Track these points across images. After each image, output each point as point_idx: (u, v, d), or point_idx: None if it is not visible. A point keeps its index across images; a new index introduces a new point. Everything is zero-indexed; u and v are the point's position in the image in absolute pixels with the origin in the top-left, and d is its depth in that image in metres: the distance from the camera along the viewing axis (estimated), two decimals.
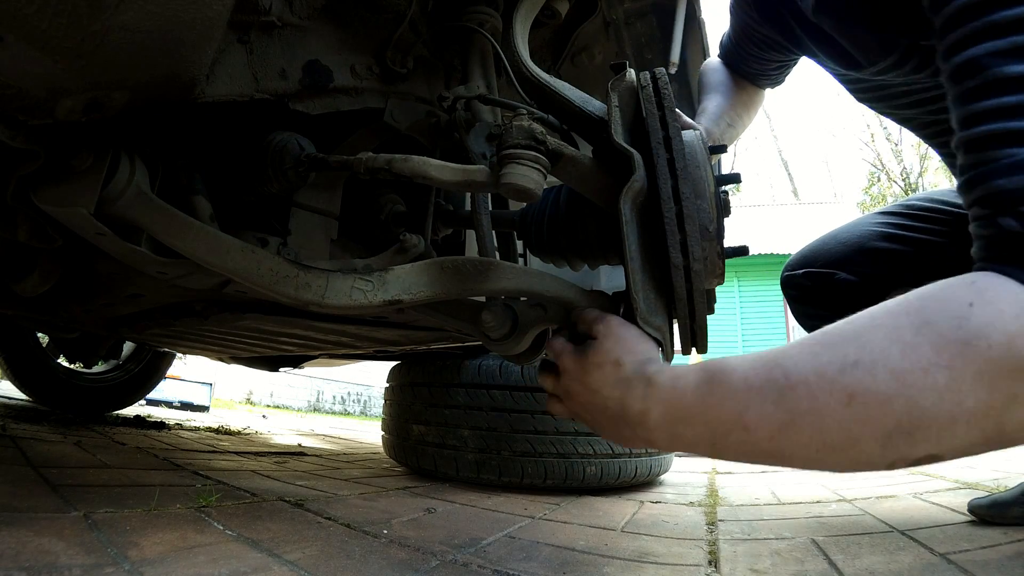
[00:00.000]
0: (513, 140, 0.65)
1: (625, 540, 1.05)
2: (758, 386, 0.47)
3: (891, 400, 0.42)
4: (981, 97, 0.48)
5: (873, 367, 0.43)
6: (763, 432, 0.47)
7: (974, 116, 0.49)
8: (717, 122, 1.16)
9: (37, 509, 0.82)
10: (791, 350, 0.48)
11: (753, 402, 0.47)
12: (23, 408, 2.47)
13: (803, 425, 0.45)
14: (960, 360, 0.41)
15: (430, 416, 1.69)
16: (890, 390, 0.42)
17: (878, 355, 0.43)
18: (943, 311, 0.43)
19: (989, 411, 0.41)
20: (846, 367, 0.44)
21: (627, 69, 0.68)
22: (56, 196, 0.69)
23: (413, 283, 0.76)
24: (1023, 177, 0.45)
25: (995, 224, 0.46)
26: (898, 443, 0.43)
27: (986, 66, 0.48)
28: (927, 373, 0.42)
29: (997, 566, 0.81)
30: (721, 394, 0.49)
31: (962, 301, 0.43)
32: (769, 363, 0.48)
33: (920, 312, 0.44)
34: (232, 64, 0.73)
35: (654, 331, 0.63)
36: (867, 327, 0.45)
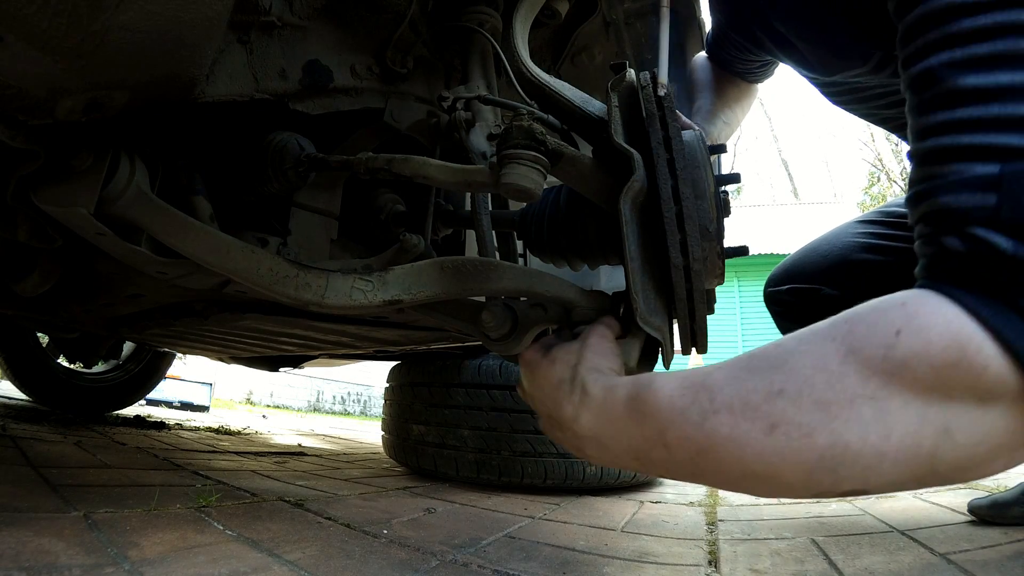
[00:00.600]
0: (513, 140, 0.65)
1: (625, 540, 1.05)
2: (681, 407, 0.46)
3: (814, 432, 0.40)
4: (934, 109, 0.46)
5: (798, 396, 0.41)
6: (683, 454, 0.46)
7: (926, 129, 0.47)
8: (713, 121, 1.16)
9: (37, 509, 0.82)
10: (719, 373, 0.46)
11: (675, 423, 0.46)
12: (23, 408, 2.47)
13: (723, 451, 0.43)
14: (886, 392, 0.39)
15: (430, 416, 1.69)
16: (813, 422, 0.40)
17: (803, 384, 0.41)
18: (870, 339, 0.41)
19: (918, 447, 0.39)
20: (771, 395, 0.42)
21: (627, 69, 0.68)
22: (56, 196, 0.69)
23: (413, 283, 0.76)
24: (969, 195, 0.42)
25: (937, 243, 0.43)
26: (821, 477, 0.41)
27: (941, 77, 0.46)
28: (852, 405, 0.40)
29: (997, 566, 0.81)
30: (647, 411, 0.48)
31: (891, 327, 0.40)
32: (696, 385, 0.46)
33: (848, 338, 0.42)
34: (232, 64, 0.73)
35: (654, 331, 0.63)
36: (795, 352, 0.43)
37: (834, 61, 0.87)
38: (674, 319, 0.67)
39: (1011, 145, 0.41)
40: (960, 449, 0.39)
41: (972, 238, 0.41)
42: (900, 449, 0.39)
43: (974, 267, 0.41)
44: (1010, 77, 0.42)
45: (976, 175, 0.42)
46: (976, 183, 0.41)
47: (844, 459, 0.40)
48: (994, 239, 0.39)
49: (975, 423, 0.39)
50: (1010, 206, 0.40)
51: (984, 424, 0.39)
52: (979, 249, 0.40)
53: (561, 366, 0.58)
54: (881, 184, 17.96)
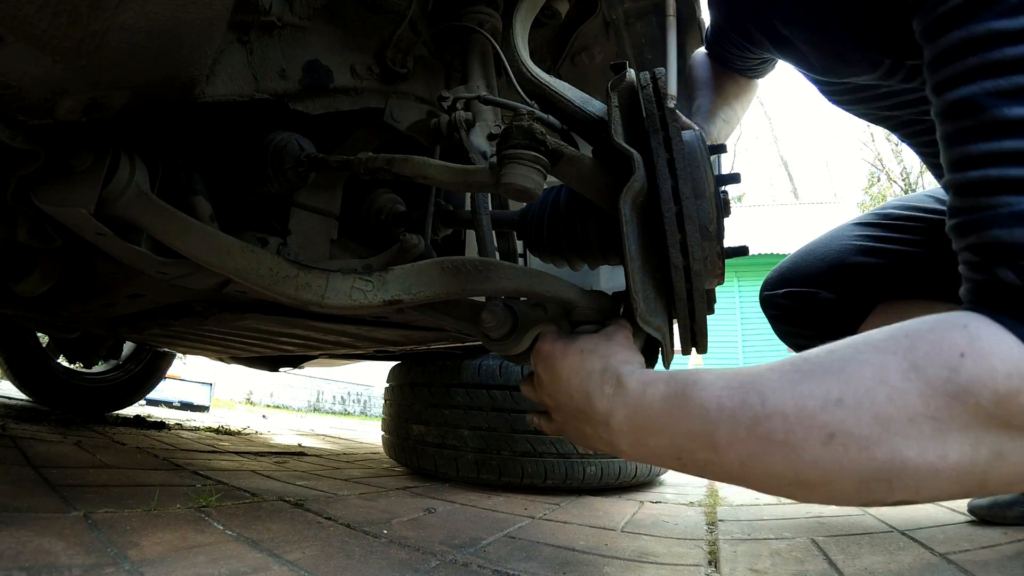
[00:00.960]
0: (513, 140, 0.65)
1: (625, 540, 1.05)
2: (731, 409, 0.45)
3: (873, 446, 0.40)
4: (978, 139, 0.45)
5: (858, 408, 0.41)
6: (733, 456, 0.45)
7: (970, 159, 0.46)
8: (713, 120, 1.16)
9: (37, 509, 0.82)
10: (770, 375, 0.45)
11: (725, 424, 0.45)
12: (23, 408, 2.47)
13: (776, 456, 0.43)
14: (948, 413, 0.40)
15: (430, 416, 1.69)
16: (873, 435, 0.40)
17: (863, 396, 0.41)
18: (934, 358, 0.41)
19: (973, 467, 0.40)
20: (828, 404, 0.42)
21: (627, 69, 0.68)
22: (56, 196, 0.69)
23: (413, 283, 0.76)
24: (1022, 231, 0.42)
25: (991, 273, 0.43)
26: (875, 488, 0.41)
27: (986, 106, 0.45)
28: (913, 423, 0.40)
29: (997, 566, 0.81)
30: (692, 410, 0.47)
31: (954, 349, 0.40)
32: (745, 385, 0.45)
33: (909, 354, 0.42)
34: (232, 64, 0.73)
35: (654, 331, 0.63)
36: (852, 361, 0.43)
37: (839, 66, 0.86)
38: (674, 319, 0.67)
39: None
40: (1011, 468, 0.40)
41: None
42: (955, 469, 0.40)
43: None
44: None
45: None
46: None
47: (901, 475, 0.40)
48: None
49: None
50: None
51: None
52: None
53: (592, 358, 0.57)
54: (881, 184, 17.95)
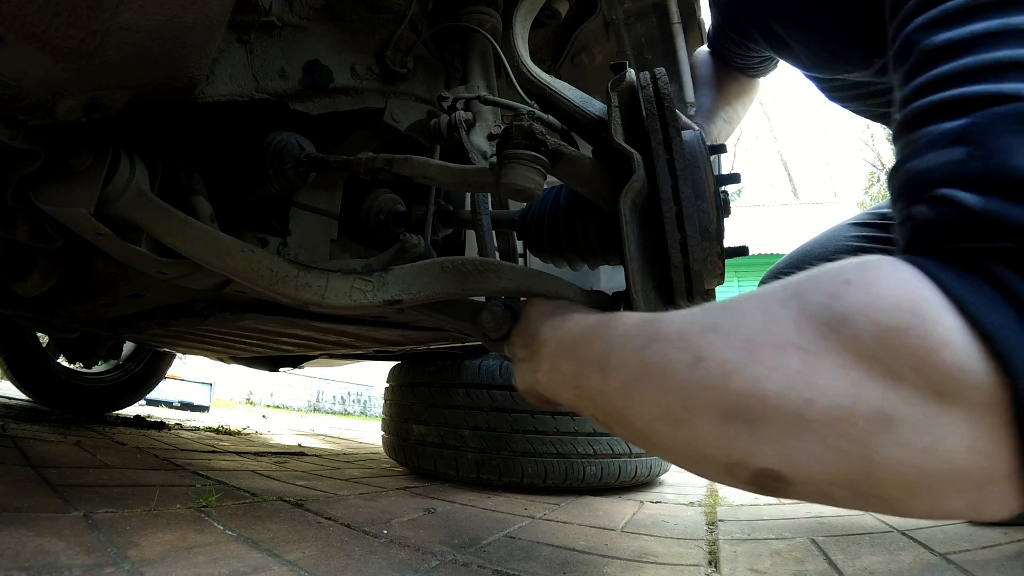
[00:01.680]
0: (513, 140, 0.65)
1: (625, 540, 1.05)
2: (631, 334, 0.44)
3: (734, 372, 0.35)
4: (911, 76, 0.41)
5: (730, 332, 0.37)
6: (616, 380, 0.43)
7: (903, 99, 0.42)
8: (713, 119, 1.16)
9: (37, 509, 0.82)
10: (678, 312, 0.44)
11: (618, 345, 0.44)
12: (23, 408, 2.47)
13: (651, 381, 0.40)
14: (820, 345, 0.33)
15: (430, 416, 1.69)
16: (736, 360, 0.36)
17: (738, 320, 0.38)
18: (817, 285, 0.36)
19: (848, 426, 0.32)
20: (705, 329, 0.39)
21: (627, 69, 0.68)
22: (56, 196, 0.69)
23: (413, 283, 0.76)
24: (936, 155, 0.36)
25: (908, 215, 0.38)
26: (737, 432, 0.35)
27: (915, 41, 0.41)
28: (780, 351, 0.34)
29: (997, 566, 0.81)
30: (601, 333, 0.46)
31: (840, 277, 0.35)
32: (651, 317, 0.44)
33: (797, 284, 0.37)
34: (232, 64, 0.73)
35: None
36: (748, 295, 0.40)
37: (832, 64, 0.86)
38: None
39: (984, 92, 0.36)
40: (903, 451, 0.30)
41: (939, 200, 0.35)
42: (826, 421, 0.32)
43: (940, 234, 0.35)
44: (984, 24, 0.38)
45: (943, 131, 0.36)
46: (943, 140, 0.36)
47: (761, 413, 0.34)
48: (960, 196, 0.33)
49: (925, 422, 0.30)
50: (978, 157, 0.34)
51: (938, 428, 0.30)
52: (945, 211, 0.34)
53: (552, 305, 0.61)
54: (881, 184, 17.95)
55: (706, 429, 0.37)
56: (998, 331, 0.29)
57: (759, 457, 0.35)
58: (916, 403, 0.30)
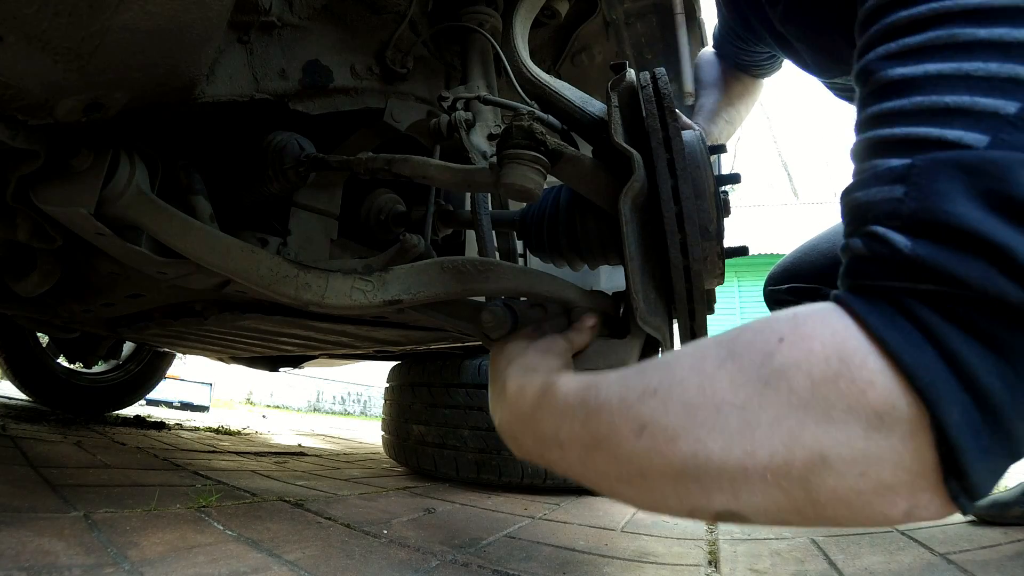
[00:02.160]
0: (513, 140, 0.65)
1: (625, 540, 1.05)
2: (572, 405, 0.45)
3: (678, 437, 0.38)
4: (867, 104, 0.43)
5: (668, 398, 0.39)
6: (574, 453, 0.45)
7: (858, 125, 0.44)
8: (715, 120, 1.15)
9: (37, 509, 0.82)
10: (612, 374, 0.45)
11: (566, 421, 0.45)
12: (23, 408, 2.47)
13: (603, 451, 0.42)
14: (756, 403, 0.35)
15: (430, 416, 1.69)
16: (678, 425, 0.38)
17: (675, 385, 0.39)
18: (752, 345, 0.38)
19: (788, 469, 0.34)
20: (645, 394, 0.40)
21: (627, 69, 0.68)
22: (56, 196, 0.69)
23: (413, 283, 0.76)
24: (878, 190, 0.37)
25: (847, 245, 0.39)
26: (690, 489, 0.38)
27: (874, 70, 0.43)
28: (719, 412, 0.37)
29: (997, 566, 0.81)
30: (546, 408, 0.48)
31: (774, 335, 0.37)
32: (588, 384, 0.45)
33: (731, 343, 0.39)
34: (232, 64, 0.73)
35: (654, 331, 0.63)
36: (680, 355, 0.42)
37: (833, 65, 0.86)
38: (674, 319, 0.67)
39: (928, 136, 0.37)
40: (840, 480, 0.34)
41: (872, 236, 0.36)
42: (768, 468, 0.35)
43: (870, 269, 0.36)
44: (939, 66, 0.38)
45: (888, 167, 0.38)
46: (886, 176, 0.37)
47: (708, 470, 0.37)
48: (892, 236, 0.35)
49: (857, 453, 0.33)
50: (914, 198, 0.35)
51: (869, 452, 0.33)
52: (876, 248, 0.36)
53: (500, 361, 0.60)
54: None
55: (662, 487, 0.40)
56: (918, 369, 0.32)
57: (715, 503, 0.38)
58: (848, 439, 0.33)
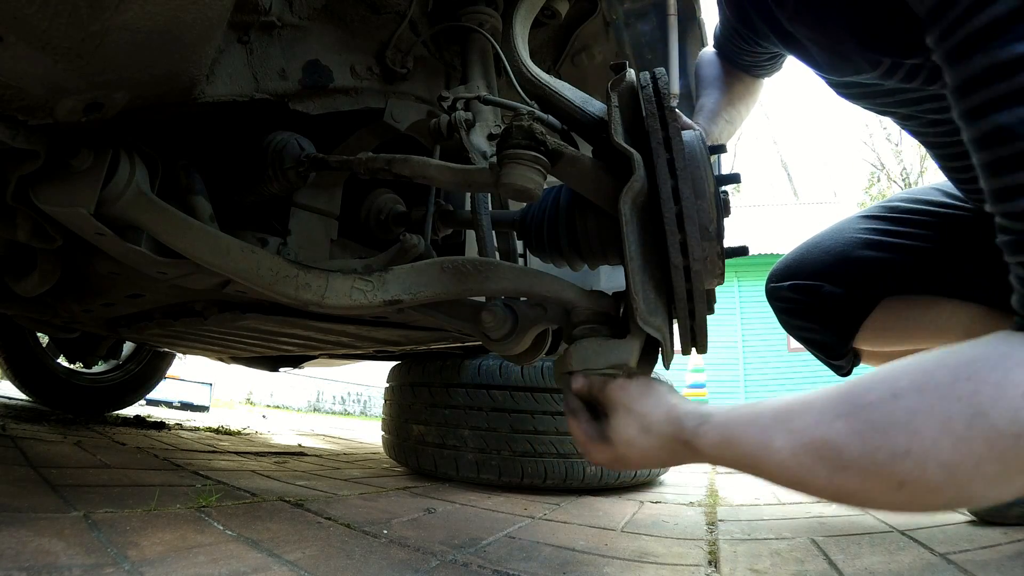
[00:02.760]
0: (513, 140, 0.65)
1: (625, 540, 1.05)
2: (809, 465, 0.50)
3: (941, 489, 0.44)
4: (1017, 169, 0.48)
5: (924, 459, 0.44)
6: (814, 492, 0.51)
7: (1011, 189, 0.49)
8: (715, 120, 1.15)
9: (37, 509, 0.82)
10: (838, 425, 0.49)
11: (806, 478, 0.51)
12: (23, 408, 2.47)
13: (855, 499, 0.49)
14: (1013, 453, 0.42)
15: (430, 416, 1.69)
16: (940, 480, 0.44)
17: (930, 447, 0.44)
18: (997, 401, 0.43)
19: None
20: (897, 457, 0.45)
21: (627, 69, 0.69)
22: (56, 196, 0.69)
23: (413, 283, 0.76)
24: None
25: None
26: (944, 509, 0.50)
27: (1021, 135, 0.47)
28: (979, 467, 0.43)
29: (997, 566, 0.81)
30: (772, 466, 0.52)
31: (1017, 388, 0.42)
32: (816, 440, 0.50)
33: (973, 400, 0.44)
34: (232, 64, 0.73)
35: (654, 331, 0.63)
36: (917, 412, 0.46)
37: (841, 64, 0.86)
38: (674, 319, 0.67)
39: None
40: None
41: None
42: (1020, 490, 0.44)
43: None
44: None
45: None
46: None
47: (969, 502, 0.46)
48: None
49: None
50: None
51: None
52: None
53: (642, 437, 0.61)
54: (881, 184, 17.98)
55: (916, 512, 0.50)
56: None
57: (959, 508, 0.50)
58: None
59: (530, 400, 1.59)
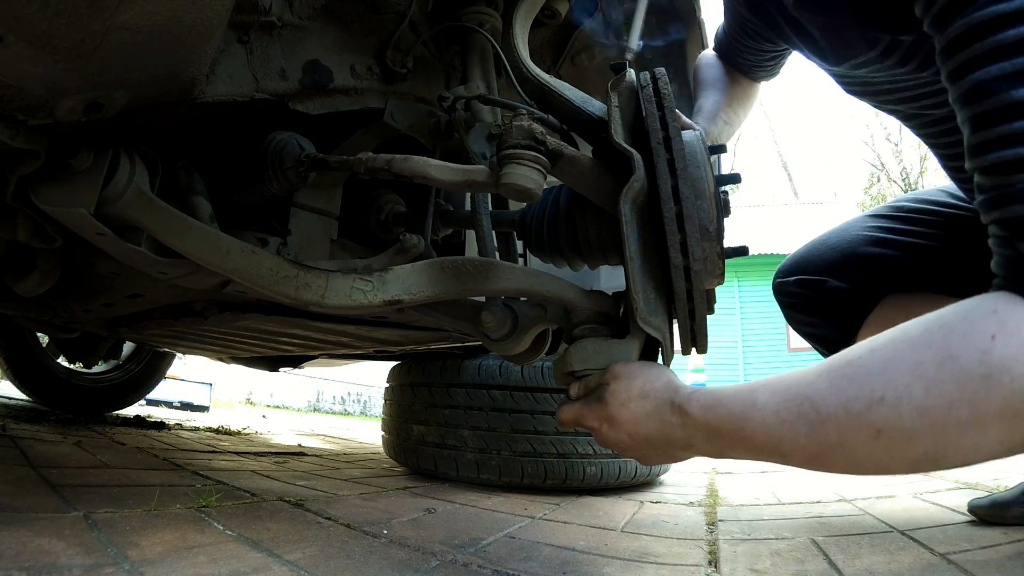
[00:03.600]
0: (513, 140, 0.65)
1: (625, 540, 1.05)
2: (790, 421, 0.51)
3: (916, 435, 0.45)
4: (993, 123, 0.49)
5: (898, 404, 0.45)
6: (798, 459, 0.52)
7: (989, 143, 0.50)
8: (714, 120, 1.16)
9: (37, 509, 0.82)
10: (818, 382, 0.51)
11: (787, 436, 0.51)
12: (23, 408, 2.47)
13: (835, 456, 0.49)
14: (983, 395, 0.43)
15: (430, 416, 1.69)
16: (915, 425, 0.45)
17: (903, 391, 0.45)
18: (966, 344, 0.44)
19: (1012, 439, 0.43)
20: (872, 404, 0.46)
21: (627, 69, 0.69)
22: (56, 196, 0.69)
23: (413, 283, 0.76)
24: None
25: (1014, 247, 0.48)
26: (924, 466, 0.47)
27: (995, 91, 0.48)
28: (951, 409, 0.44)
29: (997, 566, 0.81)
30: (755, 427, 0.53)
31: (984, 333, 0.44)
32: (798, 397, 0.51)
33: (943, 345, 0.45)
34: (232, 64, 0.73)
35: (654, 331, 0.63)
36: (890, 360, 0.47)
37: (843, 49, 0.88)
38: (674, 319, 0.67)
39: None
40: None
41: None
42: (996, 442, 0.44)
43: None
44: None
45: None
46: None
47: (945, 453, 0.45)
48: None
49: None
50: None
51: None
52: None
53: (636, 403, 0.62)
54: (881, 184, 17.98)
55: (899, 469, 0.48)
56: None
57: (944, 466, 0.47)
58: None
59: (530, 400, 1.59)
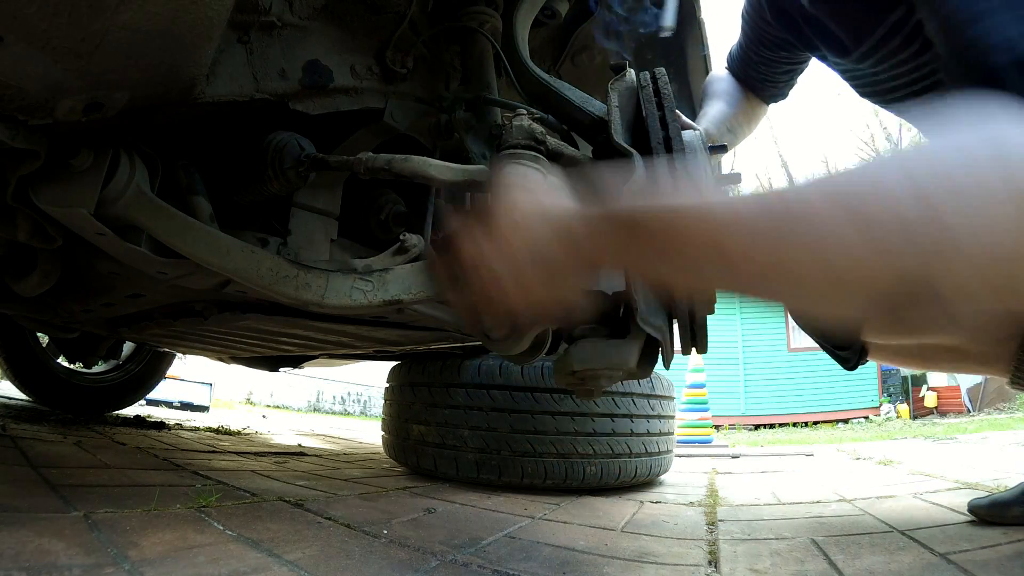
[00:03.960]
0: (513, 140, 0.65)
1: (625, 540, 1.05)
2: (753, 218, 0.46)
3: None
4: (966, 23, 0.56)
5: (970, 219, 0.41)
6: (757, 266, 0.46)
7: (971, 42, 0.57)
8: (718, 125, 1.16)
9: (37, 509, 0.82)
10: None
11: (741, 235, 0.46)
12: (23, 408, 2.47)
13: (817, 256, 0.43)
14: None
15: (430, 416, 1.69)
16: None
17: (971, 211, 0.41)
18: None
19: None
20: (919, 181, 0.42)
21: (627, 69, 0.69)
22: (56, 196, 0.69)
23: (413, 283, 0.76)
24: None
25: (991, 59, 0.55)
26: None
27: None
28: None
29: (997, 566, 0.81)
30: (690, 227, 0.47)
31: None
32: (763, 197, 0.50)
33: (1006, 162, 0.41)
34: (232, 64, 0.73)
35: (654, 331, 0.63)
36: (958, 172, 0.42)
37: (855, 32, 0.91)
38: (674, 319, 0.67)
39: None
40: None
41: None
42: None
43: None
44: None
45: None
46: None
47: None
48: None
49: None
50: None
51: None
52: None
53: (550, 198, 0.53)
54: None
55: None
56: None
57: None
58: None
59: (530, 400, 1.59)
